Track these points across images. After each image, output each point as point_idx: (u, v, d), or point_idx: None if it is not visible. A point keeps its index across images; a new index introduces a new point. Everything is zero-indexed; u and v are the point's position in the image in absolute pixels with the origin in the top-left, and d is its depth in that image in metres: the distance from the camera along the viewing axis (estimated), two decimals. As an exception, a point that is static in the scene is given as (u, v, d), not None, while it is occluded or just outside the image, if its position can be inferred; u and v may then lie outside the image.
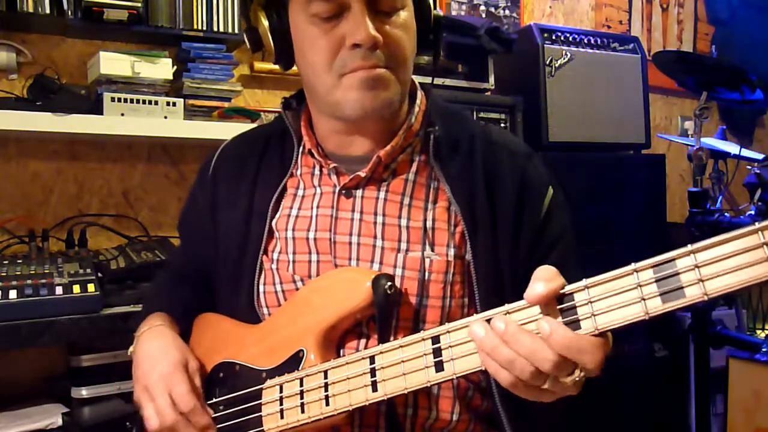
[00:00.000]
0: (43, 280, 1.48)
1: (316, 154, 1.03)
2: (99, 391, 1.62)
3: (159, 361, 0.99)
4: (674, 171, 3.41)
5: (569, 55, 2.48)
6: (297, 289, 1.01)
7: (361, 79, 0.93)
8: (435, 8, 1.05)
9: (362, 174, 0.99)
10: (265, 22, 0.99)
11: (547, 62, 2.43)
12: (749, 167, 2.36)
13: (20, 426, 1.54)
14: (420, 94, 1.07)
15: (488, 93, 2.42)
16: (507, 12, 2.94)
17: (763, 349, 2.13)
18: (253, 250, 1.04)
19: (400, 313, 0.95)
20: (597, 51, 2.57)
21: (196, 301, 1.14)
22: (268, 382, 0.93)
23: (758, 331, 3.09)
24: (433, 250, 0.97)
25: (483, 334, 0.73)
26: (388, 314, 0.92)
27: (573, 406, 0.90)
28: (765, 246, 0.59)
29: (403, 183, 1.01)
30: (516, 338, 0.71)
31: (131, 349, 1.07)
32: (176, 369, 0.97)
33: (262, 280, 1.03)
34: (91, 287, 1.50)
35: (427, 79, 1.13)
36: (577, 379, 0.70)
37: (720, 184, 2.63)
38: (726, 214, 2.28)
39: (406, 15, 0.97)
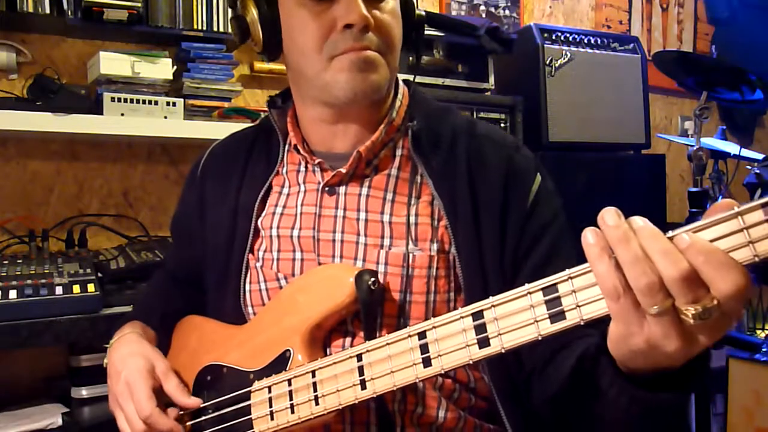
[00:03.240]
0: (43, 280, 1.48)
1: (301, 150, 1.03)
2: (99, 391, 1.62)
3: (123, 369, 0.98)
4: (674, 171, 3.41)
5: (569, 55, 2.48)
6: (280, 287, 1.00)
7: (352, 61, 0.93)
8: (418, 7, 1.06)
9: (343, 170, 0.99)
10: (254, 11, 0.99)
11: (547, 62, 2.43)
12: (749, 167, 2.36)
13: (20, 426, 1.54)
14: (402, 88, 1.07)
15: (488, 93, 2.41)
16: (507, 12, 2.94)
17: (763, 349, 2.14)
18: (239, 249, 1.04)
19: (384, 310, 0.94)
20: (597, 51, 2.57)
21: (188, 303, 1.14)
22: (256, 384, 0.92)
23: (758, 331, 3.09)
24: (416, 245, 0.97)
25: (614, 222, 0.64)
26: (372, 310, 0.92)
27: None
28: (746, 230, 0.58)
29: (386, 178, 1.01)
30: (648, 236, 0.61)
31: (105, 360, 1.06)
32: (138, 375, 0.96)
33: (248, 279, 1.03)
34: (91, 287, 1.50)
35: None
36: (699, 309, 0.58)
37: (720, 184, 2.62)
38: (726, 214, 2.27)
39: (393, 3, 0.99)
